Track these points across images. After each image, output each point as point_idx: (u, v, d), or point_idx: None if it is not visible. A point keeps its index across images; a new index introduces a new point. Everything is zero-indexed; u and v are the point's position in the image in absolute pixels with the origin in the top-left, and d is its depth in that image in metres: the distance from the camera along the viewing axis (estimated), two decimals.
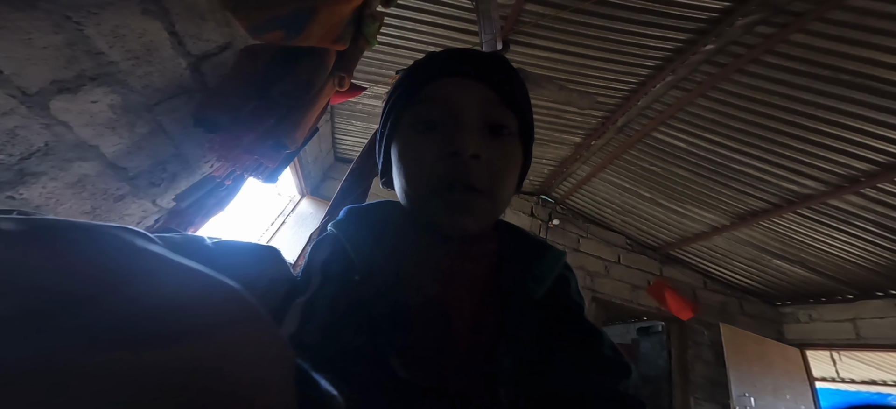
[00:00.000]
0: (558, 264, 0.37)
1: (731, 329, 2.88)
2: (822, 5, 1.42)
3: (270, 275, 0.76)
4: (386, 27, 1.96)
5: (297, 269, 1.37)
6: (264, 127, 1.08)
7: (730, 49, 1.71)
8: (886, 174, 1.76)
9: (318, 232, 1.29)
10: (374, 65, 2.20)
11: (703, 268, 3.20)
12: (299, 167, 2.62)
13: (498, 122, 0.33)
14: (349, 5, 0.99)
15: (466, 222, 0.32)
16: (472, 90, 0.33)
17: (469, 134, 0.31)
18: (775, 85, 1.72)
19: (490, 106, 0.33)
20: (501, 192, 0.33)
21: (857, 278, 2.49)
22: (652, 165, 2.50)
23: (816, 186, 2.02)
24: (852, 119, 1.67)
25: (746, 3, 1.51)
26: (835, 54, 1.53)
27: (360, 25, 1.15)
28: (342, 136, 2.93)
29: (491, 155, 0.32)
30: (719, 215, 2.58)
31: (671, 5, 1.61)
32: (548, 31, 1.88)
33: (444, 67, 0.35)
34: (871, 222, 2.03)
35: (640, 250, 3.29)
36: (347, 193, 1.45)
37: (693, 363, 2.77)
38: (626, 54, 1.90)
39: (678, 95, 2.02)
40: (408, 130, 0.34)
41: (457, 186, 0.31)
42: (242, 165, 1.15)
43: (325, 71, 1.16)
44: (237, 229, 2.63)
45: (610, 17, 1.73)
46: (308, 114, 1.20)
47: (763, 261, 2.78)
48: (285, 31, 0.80)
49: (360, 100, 2.46)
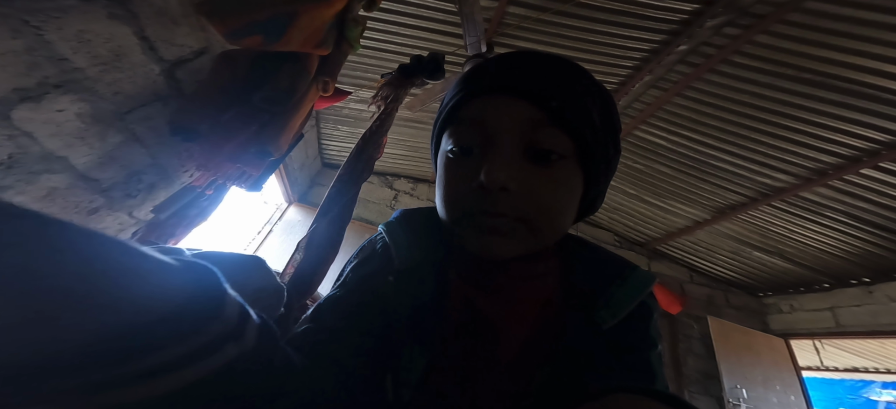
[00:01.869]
0: (643, 292, 0.32)
1: (719, 322, 2.94)
2: (781, 8, 1.50)
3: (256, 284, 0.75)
4: (370, 31, 1.96)
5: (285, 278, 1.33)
6: (246, 134, 1.05)
7: (701, 50, 1.78)
8: (852, 166, 1.85)
9: (305, 239, 1.26)
10: (360, 69, 2.18)
11: (688, 262, 3.28)
12: (285, 174, 2.58)
13: (543, 146, 0.28)
14: (330, 10, 0.98)
15: (497, 247, 0.29)
16: (511, 110, 0.28)
17: (500, 164, 0.27)
18: (744, 83, 1.81)
19: (533, 128, 0.28)
20: (546, 222, 0.29)
21: (831, 267, 2.59)
22: (635, 163, 2.56)
23: (788, 180, 2.11)
24: (816, 115, 1.76)
25: (714, 5, 1.57)
26: (796, 54, 1.62)
27: (343, 30, 1.14)
28: (329, 141, 2.90)
29: (532, 184, 0.28)
30: (700, 210, 2.66)
31: (645, 7, 1.67)
32: (531, 34, 1.91)
33: (484, 83, 0.30)
34: (841, 212, 2.12)
35: (628, 247, 3.35)
36: (335, 199, 1.43)
37: (685, 356, 2.80)
38: (606, 55, 1.95)
39: (657, 94, 2.08)
40: (446, 154, 0.32)
41: (485, 214, 0.29)
42: (224, 174, 1.12)
43: (308, 76, 1.15)
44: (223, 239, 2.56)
45: (589, 19, 1.78)
46: (292, 120, 1.17)
47: (744, 253, 2.87)
48: (264, 35, 0.79)
49: (346, 104, 2.44)
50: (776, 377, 2.72)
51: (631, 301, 0.31)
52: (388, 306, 0.32)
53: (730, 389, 2.55)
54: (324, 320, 0.31)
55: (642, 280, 0.33)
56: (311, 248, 1.22)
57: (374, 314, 0.32)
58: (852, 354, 4.47)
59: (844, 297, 2.71)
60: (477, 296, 0.33)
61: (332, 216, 1.31)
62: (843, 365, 5.05)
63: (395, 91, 1.66)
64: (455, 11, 1.74)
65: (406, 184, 3.34)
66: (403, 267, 0.34)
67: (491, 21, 1.86)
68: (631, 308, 0.31)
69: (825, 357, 4.83)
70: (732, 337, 2.86)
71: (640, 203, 2.88)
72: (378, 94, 1.64)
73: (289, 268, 1.22)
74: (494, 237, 0.29)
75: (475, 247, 0.30)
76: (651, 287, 0.33)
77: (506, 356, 0.30)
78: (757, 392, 2.59)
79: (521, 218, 0.28)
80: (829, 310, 2.79)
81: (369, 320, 0.31)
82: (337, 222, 1.33)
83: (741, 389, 2.57)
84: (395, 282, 0.33)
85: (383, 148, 1.60)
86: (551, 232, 0.30)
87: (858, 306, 2.60)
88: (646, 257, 3.32)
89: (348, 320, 0.31)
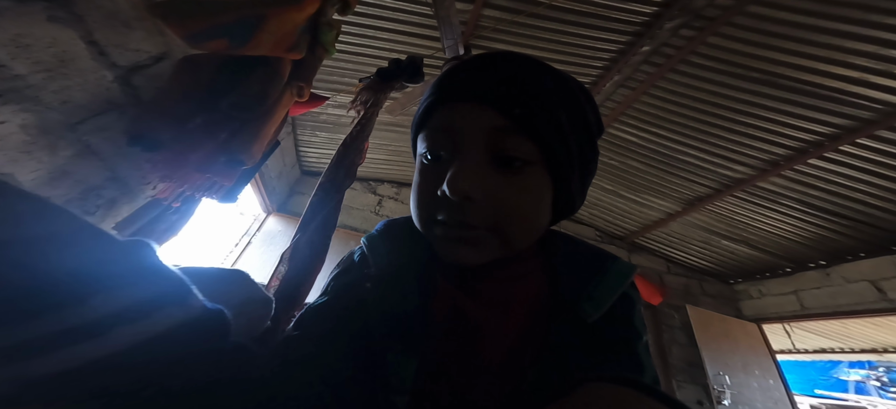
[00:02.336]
0: (624, 283, 0.33)
1: (697, 310, 3.03)
2: (727, 11, 1.62)
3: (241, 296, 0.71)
4: (347, 35, 1.93)
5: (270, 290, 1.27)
6: (215, 143, 1.01)
7: (662, 50, 1.89)
8: (800, 157, 2.03)
9: (289, 251, 1.22)
10: (336, 73, 2.15)
11: (665, 253, 3.41)
12: (262, 184, 2.49)
13: (509, 153, 0.28)
14: (301, 13, 0.96)
15: (464, 255, 0.29)
16: (477, 118, 0.28)
17: (464, 173, 0.27)
18: (701, 82, 1.93)
19: (499, 135, 0.28)
20: (514, 230, 0.29)
21: (791, 252, 2.77)
22: (611, 160, 2.65)
23: (746, 171, 2.27)
24: (765, 111, 1.91)
25: (670, 8, 1.67)
26: (744, 55, 1.75)
27: (317, 34, 1.12)
28: (307, 148, 2.83)
29: (498, 192, 0.28)
30: (672, 202, 2.79)
31: (609, 9, 1.75)
32: (507, 36, 1.94)
33: (453, 89, 0.30)
34: (795, 200, 2.30)
35: (609, 241, 3.45)
36: (318, 207, 1.39)
37: (669, 346, 2.85)
38: (577, 55, 2.02)
39: (626, 93, 2.18)
40: (420, 158, 0.33)
41: (450, 223, 0.29)
42: (194, 186, 1.07)
43: (281, 81, 1.11)
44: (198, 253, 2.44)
45: (560, 21, 1.84)
46: (265, 127, 1.13)
47: (714, 243, 3.02)
48: (230, 39, 0.76)
49: (324, 110, 2.39)
50: (754, 362, 2.79)
51: (613, 293, 0.32)
52: (371, 313, 0.32)
53: (713, 376, 2.59)
54: (309, 329, 0.31)
55: (623, 271, 0.33)
56: (296, 259, 1.18)
57: (359, 321, 0.31)
58: (819, 336, 4.68)
59: (805, 280, 2.89)
60: (462, 299, 0.33)
61: (315, 225, 1.27)
62: (813, 347, 5.25)
63: (374, 95, 1.64)
64: (432, 15, 1.75)
65: (390, 189, 3.31)
66: (382, 274, 0.34)
67: (467, 23, 1.88)
68: (614, 300, 0.32)
69: (796, 340, 5.00)
70: (711, 325, 2.93)
71: (618, 198, 2.98)
72: (357, 99, 1.61)
73: (274, 281, 1.17)
74: (462, 247, 0.29)
75: (445, 255, 0.30)
76: (632, 277, 0.34)
77: (495, 357, 0.30)
78: (738, 378, 2.64)
79: (489, 228, 0.28)
80: (793, 294, 2.95)
81: (354, 326, 0.31)
82: (321, 231, 1.29)
83: (724, 376, 2.61)
84: (375, 289, 0.33)
85: (365, 153, 1.58)
86: (521, 238, 0.30)
87: (818, 288, 2.78)
88: (626, 250, 3.43)
89: (334, 328, 0.31)
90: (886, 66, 1.56)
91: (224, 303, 0.40)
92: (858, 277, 2.52)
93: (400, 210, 3.23)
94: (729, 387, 2.55)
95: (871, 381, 6.90)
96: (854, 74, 1.63)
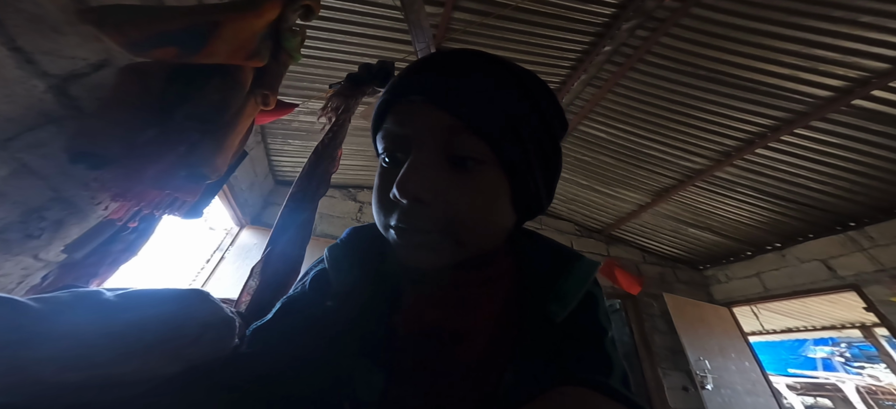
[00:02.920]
0: (587, 282, 0.33)
1: (673, 298, 3.12)
2: (675, 12, 1.73)
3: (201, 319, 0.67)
4: (316, 39, 1.89)
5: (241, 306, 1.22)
6: (173, 156, 0.95)
7: (622, 50, 1.98)
8: (748, 147, 2.20)
9: (260, 264, 1.17)
10: (306, 79, 2.10)
11: (640, 244, 3.55)
12: (231, 196, 2.39)
13: (460, 153, 0.27)
14: (259, 20, 0.93)
15: (421, 258, 0.28)
16: (428, 118, 0.28)
17: (413, 175, 0.26)
18: (658, 80, 2.05)
19: (449, 135, 0.27)
20: (469, 232, 0.28)
21: (749, 236, 2.95)
22: (583, 156, 2.74)
23: (703, 162, 2.42)
24: (714, 106, 2.07)
25: (626, 10, 1.76)
26: (691, 54, 1.88)
27: (280, 40, 1.09)
28: (279, 157, 2.74)
29: (450, 194, 0.27)
30: (641, 194, 2.92)
31: (572, 10, 1.82)
32: (478, 38, 1.97)
33: (404, 88, 0.29)
34: (748, 187, 2.48)
35: (588, 235, 3.55)
36: (290, 218, 1.35)
37: (651, 334, 2.92)
38: (546, 55, 2.08)
39: (593, 91, 2.27)
40: (380, 160, 0.32)
41: (404, 227, 0.28)
42: (152, 203, 1.00)
43: (242, 89, 1.07)
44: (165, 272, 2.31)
45: (527, 22, 1.89)
46: (228, 138, 1.09)
47: (681, 231, 3.18)
48: (180, 47, 0.72)
49: (294, 117, 2.33)
50: (729, 345, 2.89)
51: (578, 292, 0.32)
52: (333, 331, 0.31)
53: (694, 361, 2.64)
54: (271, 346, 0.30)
55: (585, 270, 0.33)
56: (268, 272, 1.14)
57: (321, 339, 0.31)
58: (783, 315, 4.91)
59: (765, 262, 3.08)
60: (431, 306, 0.32)
61: (288, 237, 1.23)
62: (780, 327, 5.50)
63: (345, 102, 1.62)
64: (402, 19, 1.74)
65: (369, 195, 3.26)
66: (344, 290, 0.33)
67: (438, 26, 1.89)
68: (579, 298, 0.32)
69: (764, 321, 5.25)
70: (686, 311, 3.03)
71: (593, 192, 3.08)
72: (327, 105, 1.58)
73: (244, 296, 1.12)
74: (420, 252, 0.28)
75: (403, 259, 0.29)
76: (593, 275, 0.33)
77: (467, 362, 0.30)
78: (717, 362, 2.70)
79: (441, 230, 0.27)
80: (756, 276, 3.14)
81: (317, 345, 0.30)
82: (295, 243, 1.25)
83: (704, 361, 2.67)
84: (337, 305, 0.32)
85: (339, 161, 1.55)
86: (478, 240, 0.29)
87: (777, 269, 2.97)
88: (604, 242, 3.54)
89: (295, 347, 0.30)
90: (812, 63, 1.73)
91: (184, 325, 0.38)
92: (810, 256, 2.72)
93: None
94: (710, 371, 2.63)
95: (835, 357, 7.16)
96: (785, 70, 1.80)
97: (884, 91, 1.70)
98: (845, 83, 1.75)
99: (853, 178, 2.12)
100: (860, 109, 1.81)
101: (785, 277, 2.89)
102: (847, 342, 6.79)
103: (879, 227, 2.32)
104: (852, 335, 5.27)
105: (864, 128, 1.87)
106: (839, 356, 7.11)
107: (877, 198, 2.20)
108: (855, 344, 6.65)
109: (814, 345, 7.54)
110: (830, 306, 4.14)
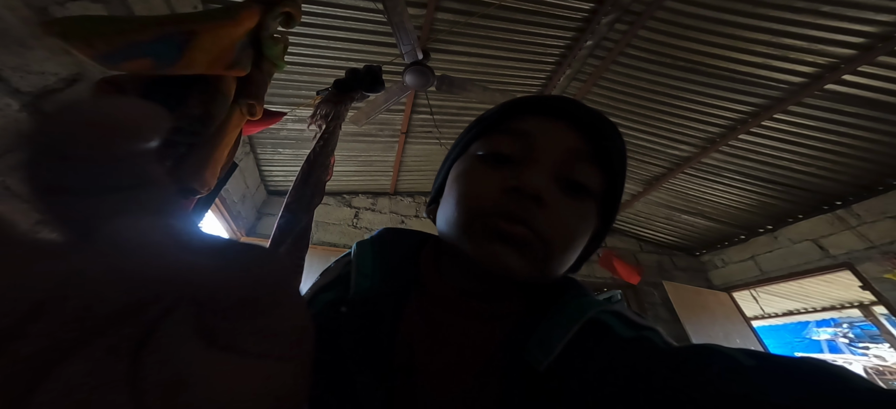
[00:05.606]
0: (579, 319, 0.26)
1: (673, 285, 3.13)
2: (650, 6, 1.78)
3: None
4: (302, 46, 1.89)
5: None
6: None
7: (604, 44, 2.03)
8: (731, 133, 2.27)
9: None
10: (293, 86, 2.10)
11: (636, 233, 3.56)
12: (224, 209, 2.37)
13: (579, 180, 0.28)
14: (238, 28, 0.92)
15: (504, 256, 0.26)
16: (561, 135, 0.29)
17: (539, 174, 0.27)
18: (640, 71, 2.10)
19: (576, 157, 0.28)
20: (561, 252, 0.27)
21: (741, 220, 2.99)
22: None
23: (690, 149, 2.48)
24: (695, 94, 2.13)
25: (604, 4, 1.80)
26: (669, 46, 1.94)
27: (262, 48, 1.08)
28: (270, 166, 2.73)
29: (559, 209, 0.27)
30: (633, 184, 2.95)
31: (553, 7, 1.85)
32: (463, 38, 1.97)
33: (539, 105, 0.31)
34: (734, 172, 2.53)
35: None
36: (287, 229, 1.33)
37: (656, 325, 2.98)
38: (531, 53, 2.11)
39: (578, 85, 2.31)
40: (475, 157, 0.31)
41: (507, 216, 0.26)
42: None
43: (225, 100, 1.06)
44: None
45: (510, 20, 1.92)
46: (216, 151, 1.07)
47: (675, 218, 3.21)
48: (155, 58, 0.71)
49: (283, 125, 2.32)
50: (733, 330, 2.88)
51: (566, 331, 0.26)
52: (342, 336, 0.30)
53: None
54: None
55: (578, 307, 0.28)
56: None
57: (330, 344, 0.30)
58: (782, 298, 4.90)
59: (758, 245, 3.11)
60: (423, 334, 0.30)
61: (286, 249, 1.22)
62: (780, 310, 5.45)
63: (334, 108, 1.61)
64: (386, 22, 1.74)
65: (365, 200, 3.25)
66: (359, 298, 0.31)
67: (422, 28, 1.89)
68: (569, 338, 0.25)
69: (764, 305, 5.18)
70: (687, 298, 3.02)
71: None
72: (316, 113, 1.57)
73: None
74: (504, 246, 0.26)
75: (479, 254, 0.27)
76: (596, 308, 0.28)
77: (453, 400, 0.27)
78: None
79: (542, 236, 0.26)
80: (751, 259, 3.16)
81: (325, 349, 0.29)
82: (293, 253, 1.24)
83: None
84: (350, 312, 0.31)
85: (332, 168, 1.54)
86: (559, 264, 0.28)
87: (770, 251, 3.00)
88: None
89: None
90: (782, 51, 1.80)
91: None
92: (801, 237, 2.75)
93: (378, 220, 3.18)
94: None
95: (839, 338, 7.08)
96: (757, 59, 1.87)
97: (854, 75, 1.79)
98: (815, 70, 1.83)
99: (834, 158, 2.18)
100: (833, 92, 1.88)
101: (779, 259, 2.92)
102: (848, 322, 6.73)
103: (865, 204, 2.37)
104: (852, 315, 5.24)
105: (839, 110, 1.95)
106: (843, 337, 7.05)
107: (857, 176, 2.26)
108: (856, 324, 6.59)
109: (816, 327, 7.44)
110: (827, 286, 4.16)
